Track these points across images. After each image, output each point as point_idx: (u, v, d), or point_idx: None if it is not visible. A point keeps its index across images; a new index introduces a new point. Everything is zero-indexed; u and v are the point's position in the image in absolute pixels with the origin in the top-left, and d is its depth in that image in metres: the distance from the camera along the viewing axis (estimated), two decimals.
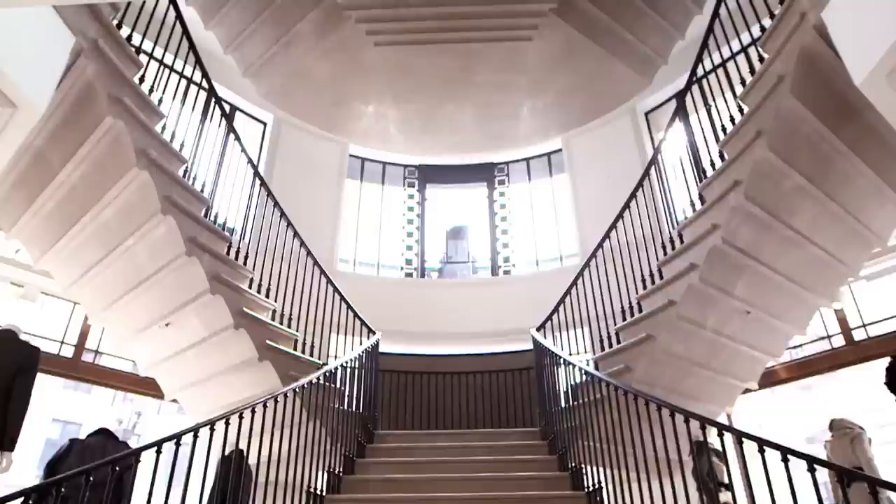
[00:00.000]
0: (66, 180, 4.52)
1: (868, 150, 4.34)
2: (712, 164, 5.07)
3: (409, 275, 9.02)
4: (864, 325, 6.46)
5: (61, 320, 6.90)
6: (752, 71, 4.69)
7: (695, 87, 5.46)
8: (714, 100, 5.23)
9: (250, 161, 6.01)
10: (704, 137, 5.30)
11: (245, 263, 5.46)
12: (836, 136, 4.21)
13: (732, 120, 4.84)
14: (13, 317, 4.70)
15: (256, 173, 6.09)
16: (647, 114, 8.81)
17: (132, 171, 4.32)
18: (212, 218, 5.36)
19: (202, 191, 5.20)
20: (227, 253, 5.27)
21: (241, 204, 5.99)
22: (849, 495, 2.83)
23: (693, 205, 5.38)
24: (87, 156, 4.35)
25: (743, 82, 4.80)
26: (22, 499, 2.51)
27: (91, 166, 4.41)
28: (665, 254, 5.46)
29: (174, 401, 6.07)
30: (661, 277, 5.38)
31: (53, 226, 4.85)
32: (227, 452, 3.86)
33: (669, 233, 5.72)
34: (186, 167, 5.08)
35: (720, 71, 5.19)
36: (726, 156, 4.85)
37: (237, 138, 5.90)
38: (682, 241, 5.26)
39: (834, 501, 4.90)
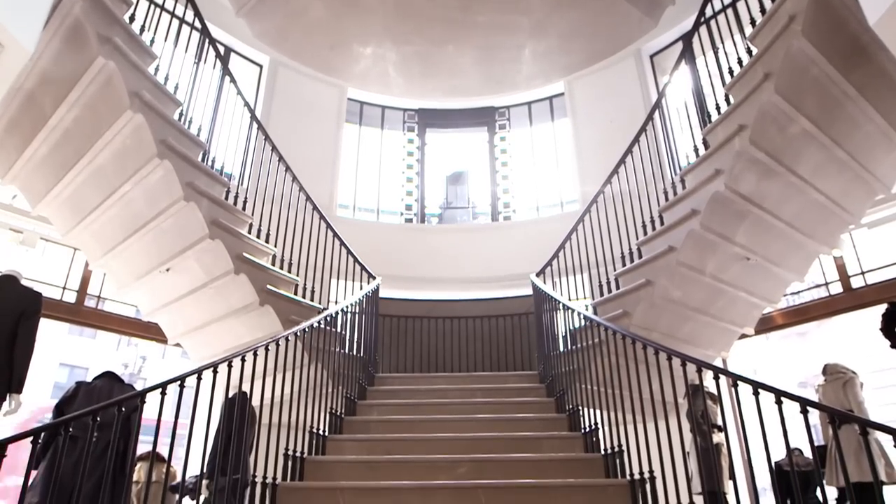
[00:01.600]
0: (59, 124, 4.44)
1: (877, 94, 4.24)
2: (718, 109, 4.97)
3: (408, 220, 8.99)
4: (862, 273, 6.48)
5: (62, 266, 6.91)
6: (762, 11, 4.54)
7: (702, 29, 5.29)
8: (722, 42, 5.09)
9: (247, 104, 5.90)
10: (711, 81, 5.18)
11: (244, 209, 5.43)
12: (845, 80, 4.11)
13: (740, 62, 4.72)
14: (14, 263, 4.70)
15: (253, 117, 5.98)
16: (652, 56, 8.59)
17: (126, 114, 4.24)
18: (209, 163, 5.30)
19: (198, 135, 5.11)
20: (226, 198, 5.24)
21: (239, 149, 5.90)
22: (839, 437, 2.90)
23: (696, 150, 5.32)
24: (78, 98, 4.26)
25: (753, 23, 4.66)
26: (31, 438, 2.55)
27: (83, 109, 4.32)
28: (666, 200, 5.43)
29: (177, 345, 6.15)
30: (662, 223, 5.37)
31: (48, 171, 4.80)
32: (230, 395, 3.93)
33: (672, 179, 5.67)
34: (181, 110, 4.98)
35: (729, 11, 5.03)
36: (732, 99, 4.76)
37: (232, 81, 5.77)
38: (684, 187, 5.21)
39: (824, 442, 5.03)
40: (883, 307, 4.81)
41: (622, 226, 5.86)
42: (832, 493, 4.87)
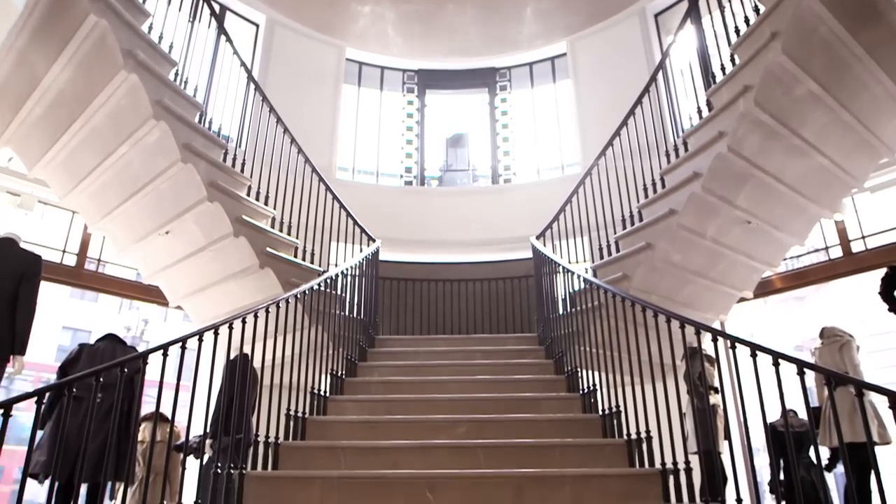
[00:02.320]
0: (52, 85, 4.37)
1: (886, 55, 4.16)
2: (722, 69, 4.88)
3: (408, 183, 8.94)
4: (863, 237, 6.47)
5: (62, 230, 6.90)
6: None
7: None
8: (729, 0, 4.97)
9: (243, 64, 5.79)
10: (716, 41, 5.08)
11: (242, 171, 5.39)
12: (854, 40, 4.03)
13: (747, 21, 4.62)
14: (12, 226, 4.68)
15: (250, 77, 5.88)
16: (656, 16, 8.40)
17: (120, 74, 4.17)
18: (206, 124, 5.24)
19: (194, 96, 5.04)
20: (224, 160, 5.19)
21: (236, 110, 5.82)
22: (834, 398, 2.93)
23: (700, 112, 5.25)
24: (71, 58, 4.18)
25: None
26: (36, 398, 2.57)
27: (76, 69, 4.25)
28: (668, 162, 5.38)
29: (178, 308, 6.18)
30: (664, 186, 5.33)
31: (43, 133, 4.74)
32: (232, 357, 3.96)
33: (674, 141, 5.61)
34: (177, 70, 4.90)
35: None
36: (738, 60, 4.67)
37: (228, 40, 5.66)
38: (686, 150, 5.16)
39: (818, 404, 5.09)
40: (882, 271, 4.81)
41: (623, 189, 5.83)
42: (824, 453, 4.96)
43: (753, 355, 2.90)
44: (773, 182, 4.82)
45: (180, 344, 3.18)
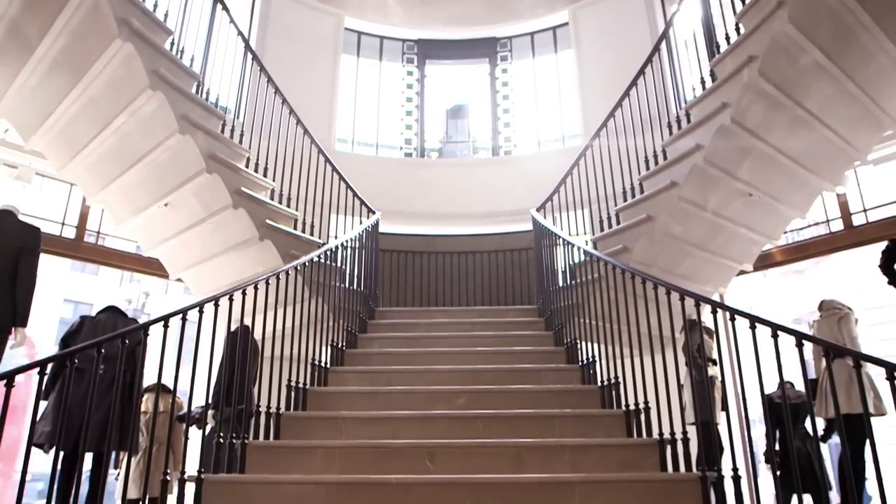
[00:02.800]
0: (47, 54, 4.31)
1: (894, 24, 4.09)
2: (727, 39, 4.81)
3: (408, 155, 8.88)
4: (864, 210, 6.44)
5: (60, 202, 6.87)
6: None
7: None
8: None
9: (240, 34, 5.71)
10: (721, 9, 4.99)
11: (241, 142, 5.35)
12: (861, 7, 3.95)
13: None
14: (10, 198, 4.66)
15: (247, 47, 5.80)
16: None
17: (115, 43, 4.10)
18: (203, 95, 5.17)
19: (191, 66, 4.97)
20: (222, 131, 5.14)
21: (234, 81, 5.75)
22: (832, 369, 2.94)
23: (703, 82, 5.18)
24: (65, 27, 4.11)
25: None
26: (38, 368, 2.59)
27: (71, 38, 4.18)
28: (670, 134, 5.34)
29: (179, 280, 6.19)
30: (665, 158, 5.30)
31: (39, 104, 4.69)
32: (233, 329, 3.98)
33: (676, 112, 5.55)
34: (173, 39, 4.82)
35: None
36: (743, 29, 4.59)
37: (224, 8, 5.56)
38: (689, 121, 5.11)
39: (815, 375, 5.13)
40: (883, 244, 4.80)
41: (624, 161, 5.79)
42: (820, 424, 5.01)
43: (752, 327, 2.91)
44: (776, 154, 4.78)
45: (181, 316, 3.19)
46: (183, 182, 4.88)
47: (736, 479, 2.94)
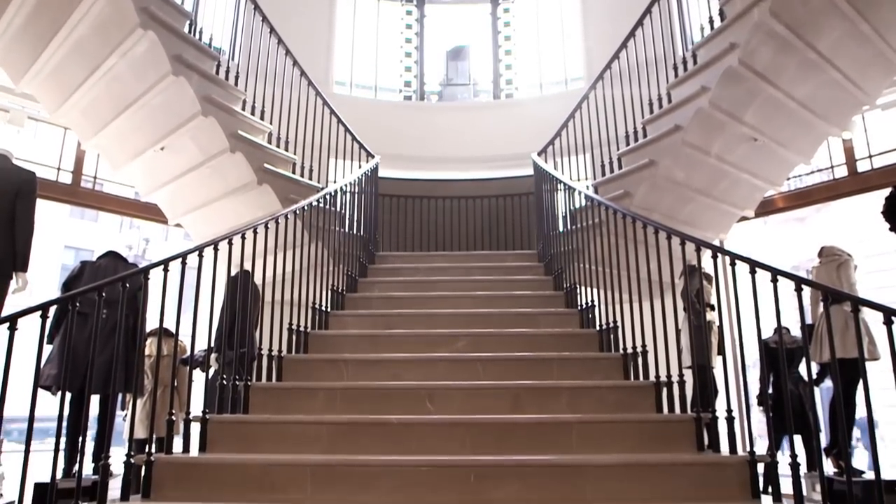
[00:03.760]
0: None
1: None
2: None
3: (407, 98, 8.71)
4: (869, 156, 6.36)
5: (55, 147, 6.77)
6: None
7: None
8: None
9: None
10: None
11: (236, 84, 5.23)
12: None
13: None
14: (4, 142, 4.58)
15: None
16: None
17: None
18: (196, 34, 5.02)
19: (182, 3, 4.81)
20: (217, 73, 5.02)
21: (227, 19, 5.57)
22: (830, 314, 2.95)
23: (712, 22, 5.02)
24: None
25: None
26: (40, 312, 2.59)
27: None
28: (676, 76, 5.21)
29: (178, 226, 6.17)
30: (670, 101, 5.19)
31: (27, 45, 4.57)
32: (233, 274, 3.98)
33: (683, 54, 5.40)
34: None
35: None
36: None
37: None
38: (695, 63, 4.98)
39: (811, 321, 5.18)
40: (887, 191, 4.76)
41: (628, 105, 5.67)
42: (814, 369, 5.09)
43: (752, 272, 2.91)
44: (783, 98, 4.69)
45: (181, 260, 3.18)
46: (178, 125, 4.79)
47: (729, 420, 3.00)
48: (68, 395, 3.77)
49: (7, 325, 2.45)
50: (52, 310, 2.66)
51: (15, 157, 4.06)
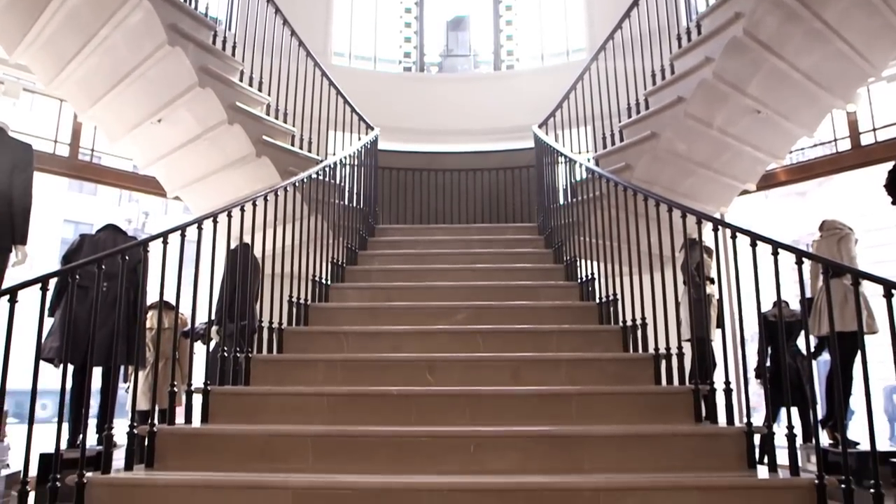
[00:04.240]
0: None
1: None
2: None
3: (407, 69, 8.60)
4: (874, 129, 6.30)
5: (52, 120, 6.70)
6: None
7: None
8: None
9: None
10: None
11: (233, 54, 5.16)
12: None
13: None
14: (1, 114, 4.53)
15: None
16: None
17: None
18: (192, 3, 4.93)
19: None
20: (213, 43, 4.95)
21: None
22: (830, 287, 2.95)
23: None
24: None
25: None
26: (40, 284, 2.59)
27: None
28: (679, 47, 5.14)
29: (177, 198, 6.14)
30: (673, 73, 5.12)
31: (19, 15, 4.50)
32: (233, 247, 3.97)
33: (686, 24, 5.32)
34: None
35: None
36: None
37: None
38: (699, 33, 4.90)
39: (811, 294, 5.19)
40: (890, 164, 4.73)
41: (630, 76, 5.60)
42: (812, 343, 5.11)
43: (753, 245, 2.90)
44: (788, 69, 4.63)
45: (180, 232, 3.17)
46: (175, 97, 4.74)
47: (727, 392, 3.02)
48: (70, 368, 3.78)
49: (7, 297, 2.45)
50: (53, 283, 2.65)
51: (11, 129, 4.03)
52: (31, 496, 2.46)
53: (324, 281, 4.53)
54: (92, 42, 4.49)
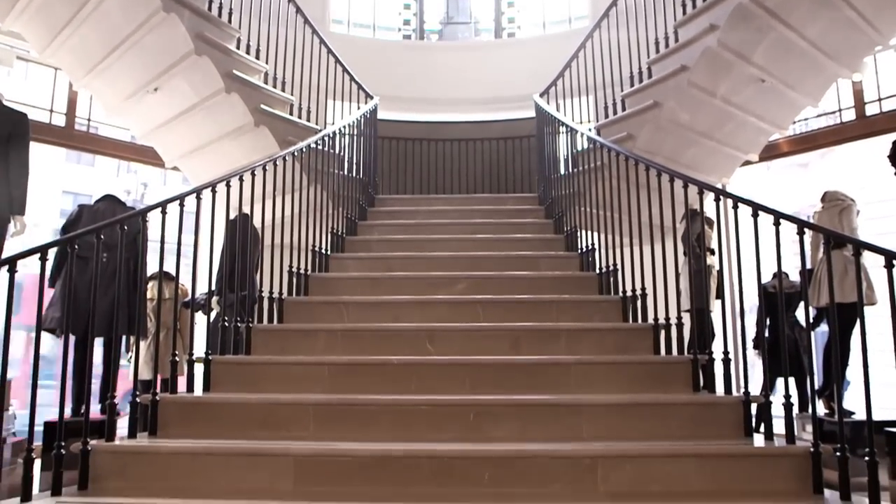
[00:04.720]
0: None
1: None
2: None
3: (407, 37, 8.47)
4: (879, 100, 6.22)
5: (47, 90, 6.61)
6: None
7: None
8: None
9: None
10: None
11: (230, 21, 5.07)
12: None
13: None
14: None
15: None
16: None
17: None
18: None
19: None
20: (209, 9, 4.86)
21: None
22: (831, 258, 2.94)
23: None
24: None
25: None
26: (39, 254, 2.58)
27: None
28: (684, 13, 5.05)
29: (175, 169, 6.10)
30: (677, 41, 5.04)
31: None
32: (232, 217, 3.96)
33: None
34: None
35: None
36: None
37: None
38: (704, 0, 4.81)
39: (811, 266, 5.19)
40: (894, 135, 4.69)
41: (633, 44, 5.51)
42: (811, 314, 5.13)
43: (755, 215, 2.88)
44: (794, 37, 4.56)
45: (178, 202, 3.15)
46: (171, 65, 4.68)
47: (725, 361, 3.03)
48: (72, 338, 3.80)
49: (7, 267, 2.45)
50: (52, 253, 2.64)
51: (6, 98, 3.97)
52: (37, 463, 2.48)
53: (324, 251, 4.53)
54: (85, 8, 4.41)
